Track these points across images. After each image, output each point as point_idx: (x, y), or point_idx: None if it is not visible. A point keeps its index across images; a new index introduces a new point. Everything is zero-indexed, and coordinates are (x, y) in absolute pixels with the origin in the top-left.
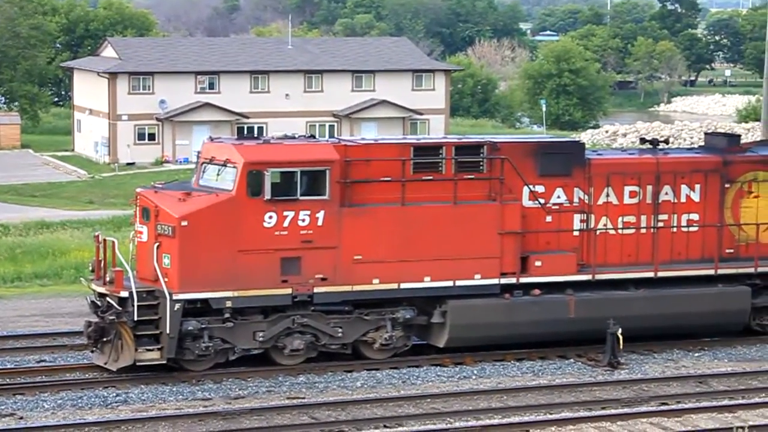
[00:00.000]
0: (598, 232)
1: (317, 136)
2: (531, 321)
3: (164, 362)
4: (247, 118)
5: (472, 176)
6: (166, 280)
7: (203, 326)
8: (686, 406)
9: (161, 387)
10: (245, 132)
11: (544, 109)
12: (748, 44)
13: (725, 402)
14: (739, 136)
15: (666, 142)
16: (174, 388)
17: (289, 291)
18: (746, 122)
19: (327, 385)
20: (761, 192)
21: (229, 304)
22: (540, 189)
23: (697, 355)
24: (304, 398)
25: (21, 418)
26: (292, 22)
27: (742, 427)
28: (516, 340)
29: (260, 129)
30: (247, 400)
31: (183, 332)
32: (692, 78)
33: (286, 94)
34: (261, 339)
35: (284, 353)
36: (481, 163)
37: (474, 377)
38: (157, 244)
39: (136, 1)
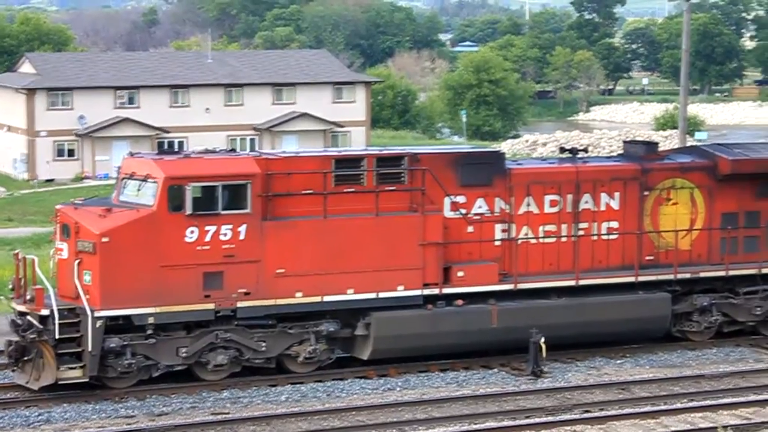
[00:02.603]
0: (519, 241)
1: (238, 150)
2: (454, 331)
3: (87, 380)
4: (168, 132)
5: (394, 188)
6: (87, 297)
7: (125, 343)
8: (609, 413)
9: (84, 405)
10: (165, 147)
11: (464, 119)
12: (664, 53)
13: (647, 408)
14: (657, 143)
15: (585, 150)
16: (97, 406)
17: (211, 306)
18: (664, 130)
19: (251, 399)
20: (679, 199)
21: (151, 320)
22: (461, 199)
23: (619, 362)
24: (228, 413)
25: None
26: (211, 36)
27: None
28: (440, 351)
29: (180, 143)
30: (171, 416)
31: (105, 349)
32: (610, 87)
33: (207, 108)
34: (184, 355)
35: (208, 369)
36: (403, 175)
37: (398, 389)
38: (77, 261)
39: (54, 17)
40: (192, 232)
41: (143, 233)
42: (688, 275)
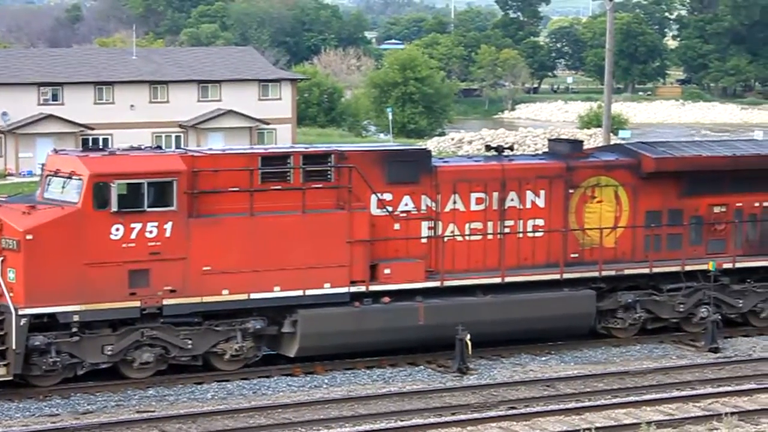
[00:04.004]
0: (445, 239)
1: (164, 147)
2: (381, 328)
3: (11, 378)
4: (92, 129)
5: (321, 185)
6: (11, 295)
7: (50, 341)
8: (534, 409)
9: (7, 403)
10: (90, 144)
11: (390, 117)
12: (588, 52)
13: (572, 405)
14: (582, 142)
15: (511, 148)
16: (20, 405)
17: (137, 304)
18: (588, 128)
19: (177, 397)
20: (604, 197)
21: (76, 318)
22: (388, 197)
23: (544, 359)
24: (153, 411)
25: None
26: (136, 33)
27: (589, 429)
28: (367, 348)
29: (105, 140)
30: (96, 414)
31: (29, 347)
32: (535, 85)
33: (131, 105)
34: (110, 353)
35: (133, 366)
36: (329, 172)
37: (325, 386)
38: (1, 258)
39: None
40: (117, 229)
41: (68, 231)
42: (612, 272)
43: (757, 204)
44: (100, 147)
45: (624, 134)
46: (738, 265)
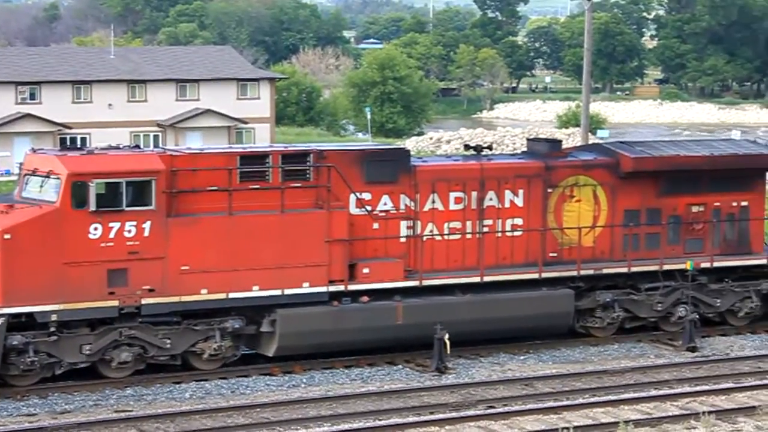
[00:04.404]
0: (424, 238)
1: (142, 147)
2: (360, 328)
3: None
4: (70, 128)
5: (299, 184)
6: None
7: (28, 341)
8: (513, 408)
9: None
10: (68, 143)
11: (368, 116)
12: (567, 51)
13: (550, 404)
14: (561, 141)
15: (489, 148)
16: None
17: (116, 303)
18: (566, 128)
19: (155, 397)
20: (582, 196)
21: (54, 317)
22: (367, 196)
23: (522, 358)
24: (131, 411)
25: None
26: (114, 32)
27: (567, 428)
28: (345, 348)
29: (83, 140)
30: (74, 414)
31: (7, 347)
32: (514, 85)
33: (109, 104)
34: (88, 352)
35: (112, 366)
36: (308, 172)
37: (303, 385)
38: None
39: None
40: (96, 228)
41: (46, 230)
42: (591, 272)
43: (734, 203)
44: (79, 146)
45: (602, 134)
46: (716, 264)
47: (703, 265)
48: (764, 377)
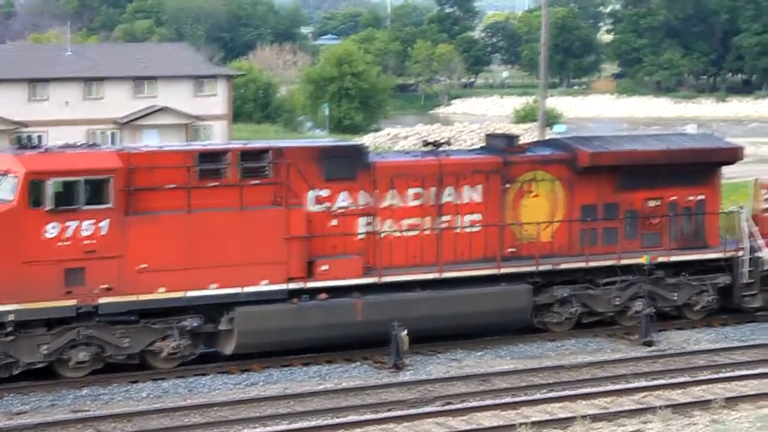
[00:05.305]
0: (383, 234)
1: (99, 144)
2: (319, 325)
3: None
4: (26, 126)
5: (258, 182)
6: None
7: None
8: (470, 404)
9: None
10: (24, 141)
11: (326, 113)
12: (524, 46)
13: (507, 399)
14: (518, 136)
15: (448, 143)
16: None
17: (73, 302)
18: (524, 123)
19: (112, 397)
20: (540, 191)
21: (11, 317)
22: (325, 193)
23: (480, 354)
24: (88, 411)
25: None
26: (70, 28)
27: (525, 423)
28: (305, 345)
29: (40, 138)
30: (30, 415)
31: None
32: (471, 80)
33: (66, 102)
34: (45, 352)
35: (69, 366)
36: (267, 169)
37: (261, 383)
38: None
39: None
40: (53, 227)
41: (2, 229)
42: (549, 267)
43: (691, 197)
44: (35, 145)
45: (559, 128)
46: (673, 258)
47: (660, 259)
48: (719, 371)
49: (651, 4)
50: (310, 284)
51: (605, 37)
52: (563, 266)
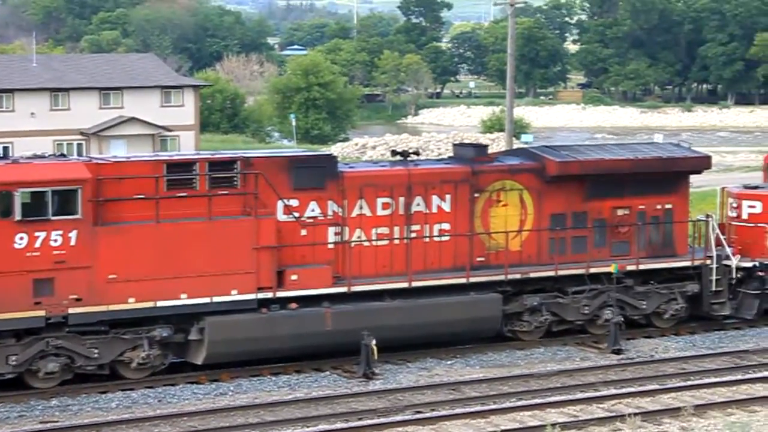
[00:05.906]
0: (352, 244)
1: (66, 155)
2: (289, 335)
3: None
4: None
5: (227, 192)
6: None
7: None
8: (440, 413)
9: None
10: None
11: (293, 123)
12: (490, 56)
13: (478, 408)
14: (487, 146)
15: (417, 153)
16: None
17: (42, 313)
18: (491, 132)
19: (81, 407)
20: (509, 201)
21: None
22: (294, 203)
23: (449, 362)
24: (57, 422)
25: None
26: (36, 39)
27: None
28: (275, 355)
29: (5, 149)
30: None
31: None
32: (438, 90)
33: (32, 113)
34: (14, 363)
35: (39, 377)
36: (235, 179)
37: (231, 393)
38: None
39: None
40: (21, 238)
41: None
42: (518, 276)
43: (659, 206)
44: (2, 156)
45: (526, 138)
46: (641, 266)
47: (629, 267)
48: (688, 379)
49: (616, 14)
50: (280, 294)
51: (571, 47)
52: (532, 275)
